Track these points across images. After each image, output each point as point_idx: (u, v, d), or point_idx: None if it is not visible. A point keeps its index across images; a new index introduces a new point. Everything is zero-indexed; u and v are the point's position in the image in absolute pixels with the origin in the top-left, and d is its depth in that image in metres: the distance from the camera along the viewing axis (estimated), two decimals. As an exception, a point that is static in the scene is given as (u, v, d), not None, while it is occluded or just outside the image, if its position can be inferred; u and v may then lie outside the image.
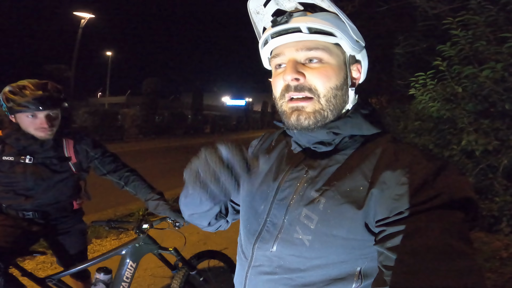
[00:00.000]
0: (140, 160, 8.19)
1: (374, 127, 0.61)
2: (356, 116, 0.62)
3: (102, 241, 3.21)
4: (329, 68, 0.59)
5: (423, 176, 0.50)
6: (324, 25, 0.58)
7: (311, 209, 0.58)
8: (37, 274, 1.55)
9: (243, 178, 0.60)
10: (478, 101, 2.69)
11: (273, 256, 0.61)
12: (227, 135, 22.15)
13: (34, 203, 1.52)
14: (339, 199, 0.56)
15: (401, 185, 0.50)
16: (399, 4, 4.02)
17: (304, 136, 0.63)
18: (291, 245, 0.59)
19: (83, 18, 15.60)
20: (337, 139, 0.62)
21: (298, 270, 0.58)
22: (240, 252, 0.70)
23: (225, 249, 2.93)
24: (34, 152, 1.49)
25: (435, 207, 0.46)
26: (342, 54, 0.62)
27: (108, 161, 1.63)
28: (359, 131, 0.61)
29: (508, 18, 2.37)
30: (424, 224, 0.45)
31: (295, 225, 0.59)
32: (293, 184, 0.62)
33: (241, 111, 34.58)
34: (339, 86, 0.60)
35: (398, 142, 0.59)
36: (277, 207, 0.63)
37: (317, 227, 0.56)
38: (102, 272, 1.53)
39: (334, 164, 0.60)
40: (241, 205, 0.74)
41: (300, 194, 0.60)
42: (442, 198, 0.47)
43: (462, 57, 2.59)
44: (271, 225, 0.63)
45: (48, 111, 1.43)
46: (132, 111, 17.53)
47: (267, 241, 0.62)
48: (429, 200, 0.47)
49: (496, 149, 2.55)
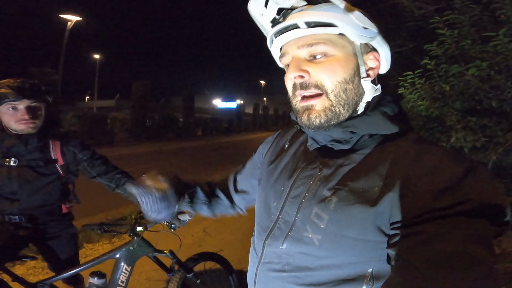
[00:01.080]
0: (131, 164, 8.06)
1: (395, 126, 0.57)
2: (375, 114, 0.58)
3: (94, 245, 3.15)
4: (334, 61, 0.57)
5: (447, 180, 0.47)
6: (322, 16, 0.56)
7: (322, 208, 0.57)
8: (28, 279, 1.51)
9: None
10: (465, 99, 2.75)
11: (283, 253, 0.61)
12: (219, 137, 22.06)
13: (21, 206, 1.48)
14: (351, 199, 0.54)
15: (422, 188, 0.48)
16: (386, 4, 4.09)
17: (320, 134, 0.62)
18: (301, 243, 0.58)
19: (69, 21, 15.37)
20: (355, 138, 0.59)
21: (306, 269, 0.58)
22: (252, 249, 0.71)
23: (221, 251, 2.91)
24: (19, 154, 1.45)
25: (458, 213, 0.44)
26: (349, 44, 0.58)
27: (98, 163, 1.60)
28: (378, 129, 0.58)
29: (491, 17, 2.44)
30: (443, 230, 0.43)
31: (305, 223, 0.58)
32: (306, 182, 0.62)
33: (232, 113, 34.53)
34: (348, 79, 0.57)
35: (422, 143, 0.55)
36: (290, 205, 0.62)
37: (327, 227, 0.55)
38: (96, 277, 1.49)
39: (349, 163, 0.58)
40: (256, 201, 0.75)
41: (312, 192, 0.60)
42: (467, 205, 0.44)
43: (449, 56, 2.65)
44: (282, 222, 0.63)
45: (28, 101, 1.40)
46: (121, 115, 17.30)
47: (278, 238, 0.62)
48: (453, 205, 0.45)
49: (484, 146, 2.61)
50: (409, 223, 0.47)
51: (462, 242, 0.41)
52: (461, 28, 2.53)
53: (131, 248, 1.54)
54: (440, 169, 0.49)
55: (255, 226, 0.72)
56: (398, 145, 0.56)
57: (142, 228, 1.55)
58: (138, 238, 1.55)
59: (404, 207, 0.48)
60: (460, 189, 0.46)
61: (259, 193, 0.74)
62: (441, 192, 0.46)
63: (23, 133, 1.44)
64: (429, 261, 0.41)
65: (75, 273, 1.52)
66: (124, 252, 1.53)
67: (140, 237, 1.56)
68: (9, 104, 1.38)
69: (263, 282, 0.64)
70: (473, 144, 2.50)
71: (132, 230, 1.55)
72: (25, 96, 1.39)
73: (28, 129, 1.43)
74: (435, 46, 2.68)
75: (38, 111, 1.46)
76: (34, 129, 1.45)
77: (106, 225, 1.58)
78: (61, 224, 1.62)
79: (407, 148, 0.55)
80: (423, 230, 0.44)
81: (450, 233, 0.42)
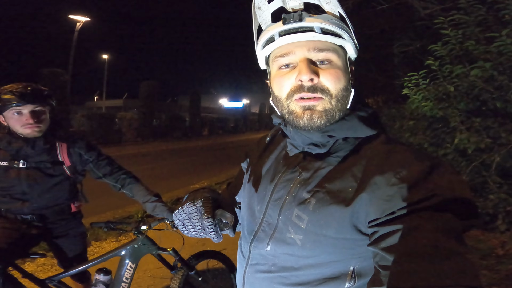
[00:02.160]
0: (138, 163, 8.19)
1: (370, 129, 0.60)
2: (352, 118, 0.61)
3: (101, 243, 3.23)
4: (338, 70, 0.60)
5: (414, 176, 0.50)
6: (335, 27, 0.59)
7: (302, 209, 0.59)
8: (38, 276, 1.56)
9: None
10: (470, 100, 2.74)
11: (268, 254, 0.63)
12: (225, 137, 22.13)
13: (31, 206, 1.54)
14: (327, 200, 0.57)
15: (391, 185, 0.50)
16: (392, 4, 4.07)
17: (300, 136, 0.63)
18: (284, 244, 0.61)
19: (78, 21, 15.61)
20: (331, 141, 0.62)
21: (292, 269, 0.60)
22: (239, 252, 0.73)
23: (224, 249, 2.94)
24: (27, 156, 1.51)
25: (427, 207, 0.46)
26: (345, 56, 0.62)
27: (103, 164, 1.65)
28: (354, 133, 0.61)
29: (496, 17, 2.42)
30: (416, 224, 0.45)
31: (287, 224, 0.61)
32: (287, 185, 0.64)
33: (238, 113, 34.61)
34: (346, 87, 0.60)
35: (391, 143, 0.58)
36: (272, 207, 0.65)
37: (308, 227, 0.58)
38: (102, 273, 1.55)
39: (326, 166, 0.61)
40: (241, 206, 0.78)
41: (292, 195, 0.62)
42: (434, 199, 0.47)
43: (453, 56, 2.64)
44: (266, 225, 0.65)
45: (32, 106, 1.45)
46: (129, 115, 17.53)
47: (263, 240, 0.65)
48: (421, 200, 0.47)
49: (489, 147, 2.59)
50: (384, 220, 0.49)
51: (434, 235, 0.43)
52: (466, 28, 2.51)
53: (135, 246, 1.59)
54: (407, 166, 0.51)
55: (241, 229, 0.75)
56: (372, 147, 0.59)
57: (146, 226, 1.60)
58: (142, 236, 1.60)
59: (377, 205, 0.51)
60: (426, 185, 0.48)
61: (244, 197, 0.76)
62: (409, 188, 0.49)
63: (30, 137, 1.49)
64: (408, 255, 0.43)
65: (83, 269, 1.58)
66: (128, 250, 1.58)
67: (144, 236, 1.61)
68: (13, 109, 1.43)
69: (252, 284, 0.66)
70: (477, 145, 2.49)
71: (137, 228, 1.59)
72: (28, 101, 1.43)
73: (33, 133, 1.48)
74: (440, 46, 2.68)
75: (43, 115, 1.50)
76: (39, 133, 1.50)
77: (113, 223, 1.63)
78: (70, 223, 1.68)
79: (378, 148, 0.58)
80: (399, 226, 0.47)
81: (422, 227, 0.45)
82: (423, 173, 0.50)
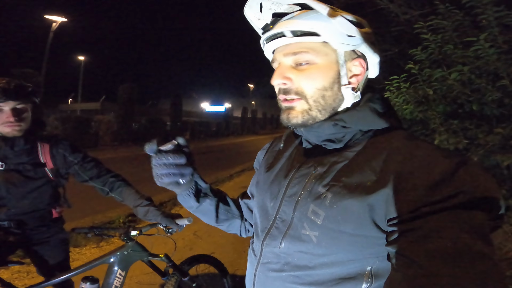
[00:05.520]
0: (116, 168, 7.88)
1: (384, 121, 0.60)
2: (364, 109, 0.61)
3: (81, 249, 3.08)
4: (315, 69, 0.59)
5: (439, 173, 0.47)
6: (307, 25, 0.58)
7: (318, 204, 0.58)
8: (14, 284, 1.46)
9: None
10: (448, 103, 2.86)
11: (281, 252, 0.61)
12: (207, 141, 21.92)
13: (9, 212, 1.43)
14: (345, 194, 0.55)
15: (415, 183, 0.48)
16: (372, 9, 4.20)
17: (312, 134, 0.64)
18: (299, 241, 0.59)
19: (54, 22, 14.98)
20: (347, 136, 0.61)
21: (305, 268, 0.58)
22: (251, 250, 0.71)
23: (212, 253, 2.89)
24: (6, 157, 1.41)
25: (453, 206, 0.44)
26: (333, 52, 0.60)
27: (90, 166, 1.56)
28: (367, 125, 0.60)
29: (473, 22, 2.55)
30: (441, 224, 0.43)
31: (303, 221, 0.59)
32: (302, 180, 0.63)
33: (221, 117, 34.42)
34: (327, 86, 0.60)
35: (414, 139, 0.56)
36: (286, 204, 0.64)
37: (324, 223, 0.56)
38: (88, 282, 1.46)
39: (343, 160, 0.59)
40: (254, 205, 0.76)
41: (308, 190, 0.61)
42: (461, 197, 0.44)
43: (432, 60, 2.75)
44: (280, 221, 0.64)
45: (14, 102, 1.36)
46: (107, 118, 16.96)
47: (276, 237, 0.63)
48: (447, 199, 0.45)
49: (466, 148, 2.71)
50: (405, 219, 0.47)
51: (460, 236, 0.41)
52: (444, 33, 2.63)
53: (125, 252, 1.51)
54: (432, 164, 0.49)
55: (254, 228, 0.74)
56: (390, 141, 0.57)
57: (137, 232, 1.53)
58: (132, 243, 1.52)
59: (399, 203, 0.49)
60: (452, 182, 0.46)
61: (257, 196, 0.75)
62: (434, 186, 0.46)
63: (9, 136, 1.39)
64: (430, 256, 0.41)
65: (66, 278, 1.48)
66: (118, 257, 1.50)
67: (134, 242, 1.53)
68: None
69: (263, 283, 0.64)
70: (455, 146, 2.60)
71: (126, 234, 1.52)
72: (10, 97, 1.34)
73: (13, 131, 1.38)
74: (419, 50, 2.78)
75: (24, 112, 1.40)
76: (20, 132, 1.40)
77: (97, 229, 1.54)
78: (51, 229, 1.58)
79: (398, 144, 0.55)
80: (421, 226, 0.44)
81: (447, 227, 0.42)
82: (449, 170, 0.47)
